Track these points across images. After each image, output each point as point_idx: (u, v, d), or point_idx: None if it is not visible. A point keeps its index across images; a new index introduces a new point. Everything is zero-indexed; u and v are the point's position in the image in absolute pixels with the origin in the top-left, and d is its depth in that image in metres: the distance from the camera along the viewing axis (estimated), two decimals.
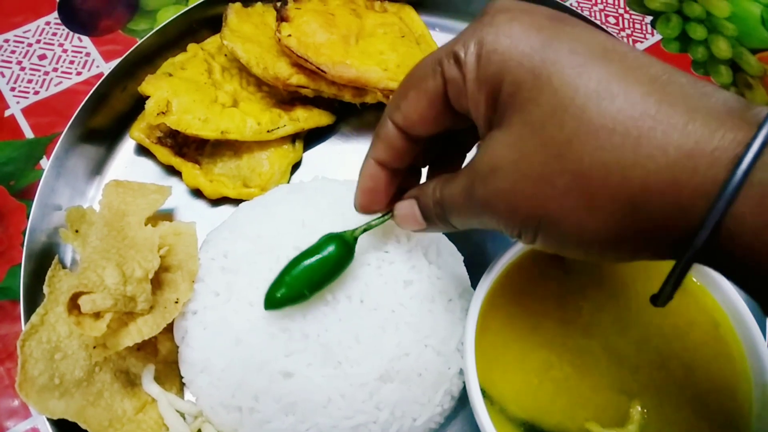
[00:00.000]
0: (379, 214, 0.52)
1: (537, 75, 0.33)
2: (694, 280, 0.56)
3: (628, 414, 0.51)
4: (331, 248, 0.51)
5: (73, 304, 0.49)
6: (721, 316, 0.54)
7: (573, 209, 0.34)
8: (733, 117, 0.30)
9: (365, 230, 0.52)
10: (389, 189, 0.48)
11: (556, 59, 0.33)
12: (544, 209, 0.35)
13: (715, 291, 0.55)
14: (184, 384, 0.58)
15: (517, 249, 0.55)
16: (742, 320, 0.53)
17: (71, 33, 0.80)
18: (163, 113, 0.64)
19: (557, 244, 0.37)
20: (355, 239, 0.52)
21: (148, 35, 0.71)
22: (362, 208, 0.49)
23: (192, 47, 0.73)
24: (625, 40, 0.85)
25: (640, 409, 0.51)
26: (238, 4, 0.72)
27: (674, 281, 0.34)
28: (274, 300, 0.51)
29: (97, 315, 0.49)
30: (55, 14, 0.81)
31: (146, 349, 0.57)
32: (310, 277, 0.51)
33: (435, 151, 0.52)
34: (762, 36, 0.90)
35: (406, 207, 0.47)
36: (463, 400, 0.58)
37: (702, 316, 0.55)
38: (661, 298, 0.36)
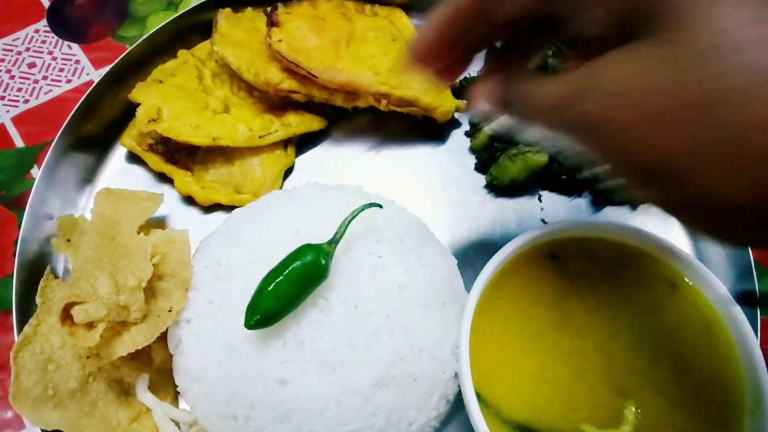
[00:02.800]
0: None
1: None
2: (687, 280, 0.56)
3: (622, 415, 0.52)
4: (307, 259, 0.51)
5: (66, 315, 0.49)
6: (714, 316, 0.55)
7: (718, 165, 0.28)
8: None
9: (341, 236, 0.53)
10: (442, 54, 0.41)
11: None
12: (681, 157, 0.28)
13: (708, 291, 0.55)
14: (178, 393, 0.58)
15: (510, 251, 0.55)
16: (734, 320, 0.53)
17: (60, 40, 0.80)
18: (153, 120, 0.64)
19: (679, 203, 0.31)
20: (334, 244, 0.53)
21: (137, 42, 0.71)
22: (416, 54, 0.42)
23: (182, 53, 0.72)
24: None
25: (634, 409, 0.52)
26: (228, 10, 0.72)
27: None
28: (257, 319, 0.51)
29: (91, 325, 0.49)
30: (44, 22, 0.81)
31: (140, 358, 0.56)
32: (286, 293, 0.51)
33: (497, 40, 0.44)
34: None
35: (489, 83, 0.41)
36: (458, 404, 0.58)
37: (694, 317, 0.55)
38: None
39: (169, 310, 0.54)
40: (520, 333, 0.54)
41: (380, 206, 0.58)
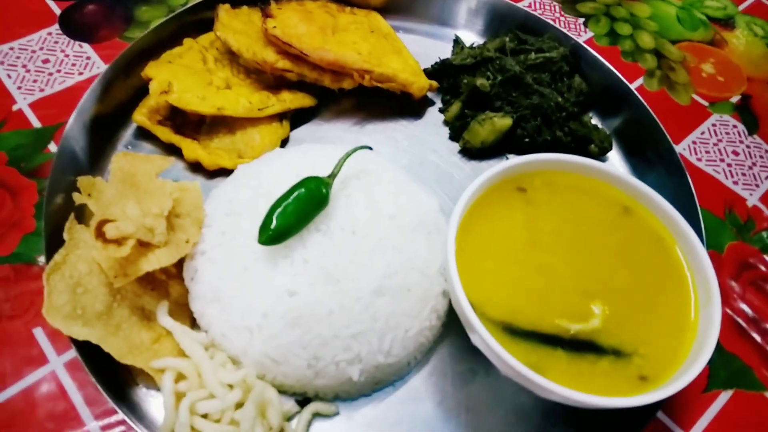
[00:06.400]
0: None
1: None
2: (639, 203, 0.65)
3: (591, 312, 0.59)
4: (310, 186, 0.60)
5: (99, 232, 0.55)
6: (663, 231, 0.64)
7: None
8: None
9: (338, 171, 0.63)
10: None
11: None
12: None
13: (657, 211, 0.64)
14: (194, 325, 0.63)
15: (482, 182, 0.63)
16: (681, 231, 0.62)
17: (72, 41, 0.88)
18: (165, 92, 0.72)
19: None
20: (332, 178, 0.62)
21: (144, 33, 0.80)
22: None
23: (187, 41, 0.81)
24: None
25: (601, 307, 0.59)
26: (227, 5, 0.82)
27: None
28: (269, 234, 0.58)
29: (119, 243, 0.55)
30: (56, 26, 0.90)
31: (159, 290, 0.62)
32: (293, 214, 0.59)
33: None
34: (679, 30, 1.05)
35: None
36: (447, 326, 0.65)
37: (646, 233, 0.64)
38: None
39: (187, 241, 0.60)
40: (497, 251, 0.62)
41: (371, 148, 0.66)
